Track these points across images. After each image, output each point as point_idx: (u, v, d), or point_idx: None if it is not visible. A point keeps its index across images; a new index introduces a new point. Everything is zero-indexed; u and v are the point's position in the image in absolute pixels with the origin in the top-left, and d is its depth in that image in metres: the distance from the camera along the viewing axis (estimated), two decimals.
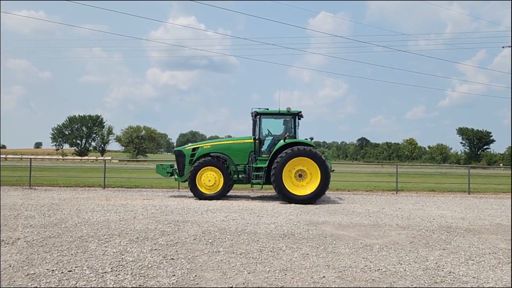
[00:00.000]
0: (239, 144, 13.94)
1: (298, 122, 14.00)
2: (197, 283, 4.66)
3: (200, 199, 13.08)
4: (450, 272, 5.31)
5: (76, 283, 4.55)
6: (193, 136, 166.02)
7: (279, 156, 12.68)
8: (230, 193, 14.52)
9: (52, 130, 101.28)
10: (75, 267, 5.18)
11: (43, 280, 4.64)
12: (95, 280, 4.68)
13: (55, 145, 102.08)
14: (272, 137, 13.91)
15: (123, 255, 5.82)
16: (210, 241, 6.85)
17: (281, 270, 5.25)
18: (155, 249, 6.19)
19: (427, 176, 29.71)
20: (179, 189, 16.54)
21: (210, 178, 13.19)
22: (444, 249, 6.65)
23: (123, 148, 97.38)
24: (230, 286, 4.59)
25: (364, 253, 6.25)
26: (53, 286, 4.45)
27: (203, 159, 13.39)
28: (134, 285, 4.51)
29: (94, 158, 72.36)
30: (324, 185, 12.71)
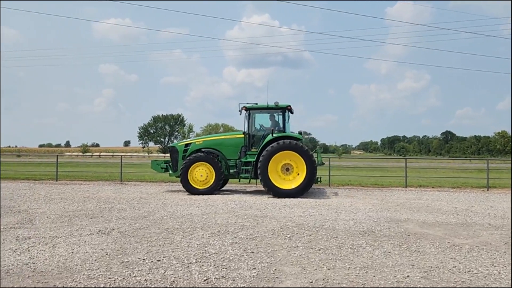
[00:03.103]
0: (230, 139, 14.09)
1: (288, 116, 13.91)
2: (277, 277, 4.73)
3: (192, 194, 13.12)
4: None
5: (164, 272, 4.85)
6: None
7: (265, 150, 12.61)
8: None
9: (139, 129, 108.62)
10: (163, 257, 5.52)
11: (135, 268, 5.01)
12: (181, 270, 4.95)
13: (142, 143, 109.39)
14: (262, 132, 13.86)
15: (206, 247, 6.09)
16: (288, 236, 6.90)
17: (362, 267, 5.14)
18: (236, 243, 6.38)
19: None
20: (256, 184, 16.83)
21: (202, 173, 13.26)
22: None
23: None
24: (310, 281, 4.59)
25: (452, 253, 5.89)
26: (144, 274, 4.79)
27: (195, 154, 13.50)
28: (217, 276, 4.71)
29: None
30: (310, 179, 12.49)
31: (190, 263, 5.25)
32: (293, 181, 12.65)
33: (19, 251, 5.79)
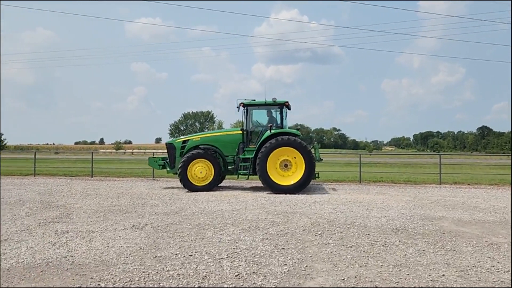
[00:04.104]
0: (228, 135, 13.99)
1: (286, 113, 13.87)
2: (308, 273, 4.71)
3: (191, 191, 12.98)
4: None
5: (196, 267, 4.92)
6: (298, 129, 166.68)
7: (264, 147, 12.58)
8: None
9: (170, 126, 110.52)
10: (195, 252, 5.60)
11: (168, 262, 5.11)
12: (213, 265, 5.01)
13: None
14: (260, 128, 13.77)
15: (237, 243, 6.13)
16: (319, 232, 6.86)
17: (395, 265, 5.05)
18: (266, 239, 6.40)
19: None
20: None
21: (202, 170, 13.15)
22: None
23: None
24: (342, 278, 4.55)
25: (490, 252, 5.69)
26: (177, 268, 4.87)
27: (194, 151, 13.36)
28: (248, 272, 4.73)
29: None
30: (309, 174, 12.53)
31: (222, 258, 5.30)
32: (292, 177, 12.69)
33: (58, 244, 6.01)
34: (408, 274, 4.70)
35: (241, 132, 13.66)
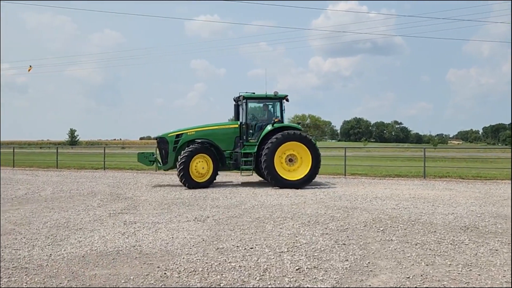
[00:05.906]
0: (224, 129, 13.47)
1: (284, 106, 13.40)
2: (371, 270, 4.60)
3: (191, 188, 12.32)
4: None
5: (257, 260, 4.98)
6: (357, 123, 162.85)
7: (270, 141, 12.16)
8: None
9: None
10: (256, 245, 5.68)
11: (230, 254, 5.22)
12: (273, 258, 5.05)
13: None
14: (257, 122, 13.30)
15: (296, 237, 6.13)
16: (381, 229, 6.67)
17: (465, 265, 4.78)
18: (326, 233, 6.33)
19: None
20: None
21: (204, 166, 12.58)
22: None
23: None
24: (407, 276, 4.40)
25: None
26: (239, 260, 4.96)
27: (194, 146, 12.70)
28: (309, 266, 4.72)
29: None
30: (315, 168, 12.50)
31: (282, 252, 5.32)
32: (298, 172, 12.55)
33: (127, 234, 6.36)
34: (479, 275, 4.44)
35: (236, 125, 13.33)
